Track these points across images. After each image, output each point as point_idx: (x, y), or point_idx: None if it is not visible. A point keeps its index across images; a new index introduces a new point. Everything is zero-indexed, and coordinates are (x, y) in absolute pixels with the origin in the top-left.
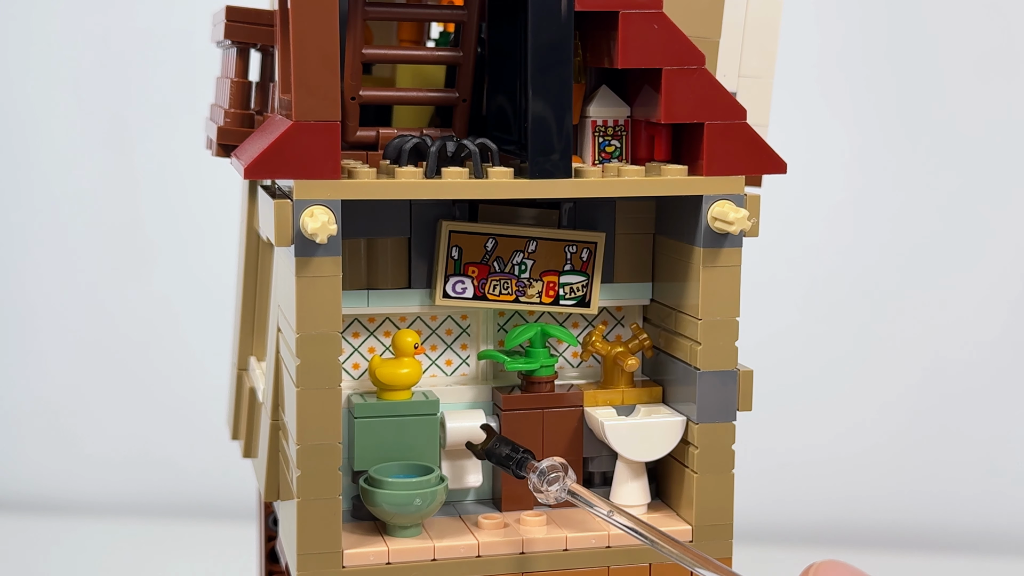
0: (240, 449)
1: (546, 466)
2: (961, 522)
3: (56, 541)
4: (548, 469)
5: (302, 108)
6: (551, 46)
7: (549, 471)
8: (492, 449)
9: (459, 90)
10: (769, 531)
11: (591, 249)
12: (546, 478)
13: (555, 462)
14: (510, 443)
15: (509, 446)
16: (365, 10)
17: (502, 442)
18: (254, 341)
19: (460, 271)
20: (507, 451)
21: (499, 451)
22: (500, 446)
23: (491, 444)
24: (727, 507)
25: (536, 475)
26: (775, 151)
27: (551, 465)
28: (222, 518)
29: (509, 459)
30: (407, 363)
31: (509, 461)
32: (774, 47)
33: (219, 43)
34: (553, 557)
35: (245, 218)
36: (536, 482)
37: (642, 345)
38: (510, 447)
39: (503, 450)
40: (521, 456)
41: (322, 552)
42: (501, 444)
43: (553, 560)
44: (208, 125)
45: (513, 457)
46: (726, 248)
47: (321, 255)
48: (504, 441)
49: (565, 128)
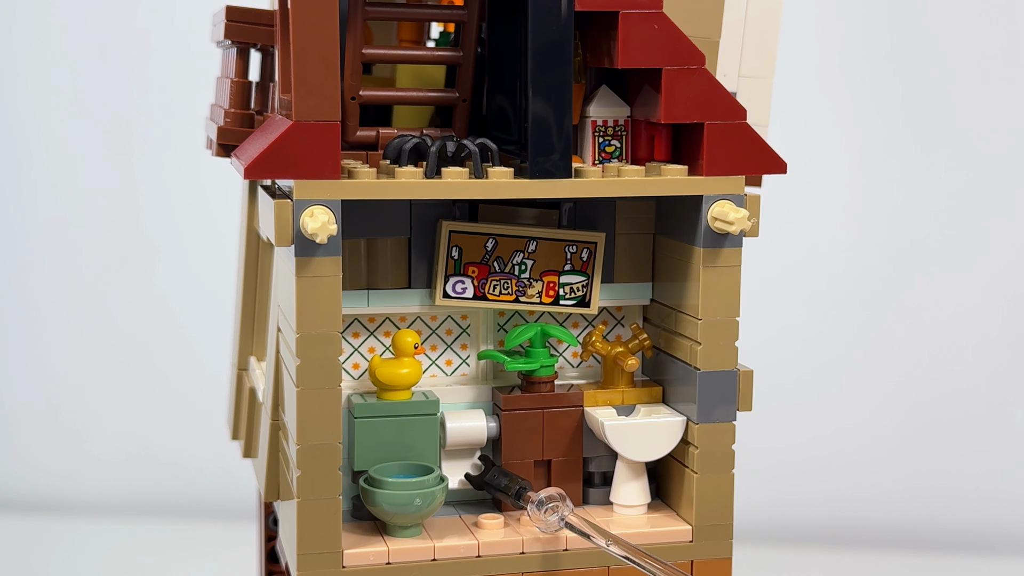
0: (240, 449)
1: (544, 496)
2: (962, 522)
3: (56, 540)
4: (546, 499)
5: (302, 108)
6: (551, 46)
7: (547, 501)
8: (490, 480)
9: (459, 90)
10: (769, 531)
11: (591, 249)
12: (544, 508)
13: (553, 492)
14: (508, 474)
15: (507, 477)
16: (365, 10)
17: (500, 473)
18: (254, 341)
19: (460, 271)
20: (505, 482)
21: (497, 482)
22: (498, 477)
23: (489, 475)
24: (727, 507)
25: (534, 505)
26: (775, 151)
27: (548, 495)
28: (222, 518)
29: (508, 489)
30: (407, 363)
31: (508, 491)
32: (774, 47)
33: (219, 43)
34: (553, 557)
35: (245, 218)
36: (534, 512)
37: (642, 345)
38: (508, 478)
39: (501, 481)
40: (519, 487)
41: (322, 552)
42: (499, 475)
43: (553, 560)
44: (208, 125)
45: (511, 488)
46: (726, 248)
47: (321, 255)
48: (502, 472)
49: (565, 128)
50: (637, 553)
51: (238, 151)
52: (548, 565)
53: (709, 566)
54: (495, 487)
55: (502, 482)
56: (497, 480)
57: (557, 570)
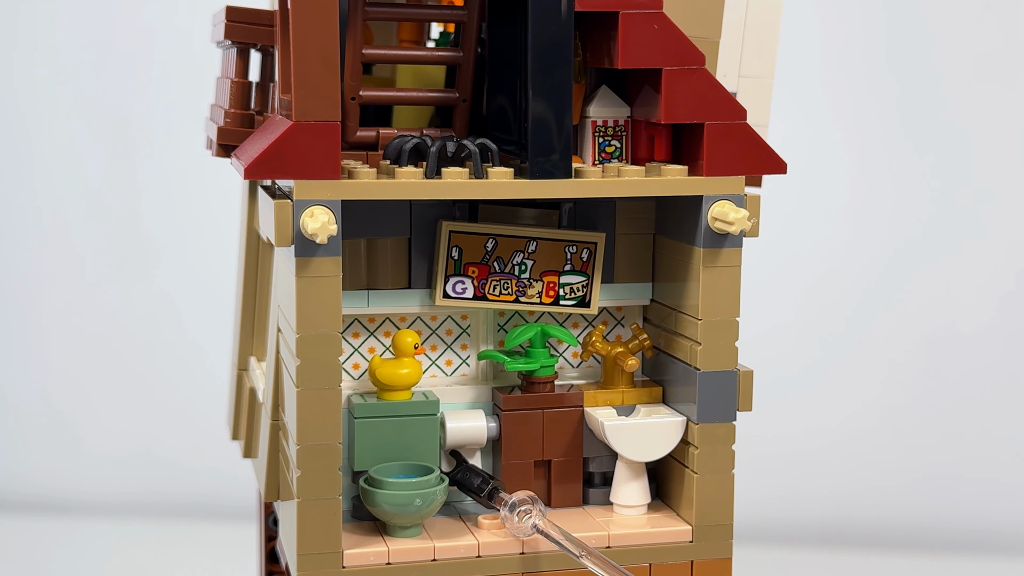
0: (240, 449)
1: (515, 499)
2: (961, 520)
3: (56, 540)
4: (518, 502)
5: (302, 108)
6: (551, 46)
7: (519, 504)
8: (462, 479)
9: (459, 90)
10: (769, 531)
11: (591, 249)
12: (516, 511)
13: (524, 496)
14: (480, 473)
15: (480, 477)
16: (365, 10)
17: (471, 472)
18: (254, 341)
19: (460, 271)
20: (477, 482)
21: (469, 481)
22: (470, 476)
23: (460, 473)
24: (727, 507)
25: (506, 509)
26: (775, 151)
27: (520, 499)
28: (222, 518)
29: (479, 490)
30: (407, 363)
31: (479, 492)
32: (774, 47)
33: (219, 43)
34: (553, 557)
35: (245, 218)
36: (507, 515)
37: (642, 345)
38: (480, 478)
39: (473, 480)
40: (491, 487)
41: (322, 552)
42: (471, 474)
43: (553, 560)
44: (208, 125)
45: (483, 488)
46: (726, 248)
47: (321, 255)
48: (474, 471)
49: (565, 128)
50: (610, 568)
51: (238, 151)
52: (548, 565)
53: (709, 566)
54: (466, 487)
55: (474, 482)
56: (469, 479)
57: (557, 570)
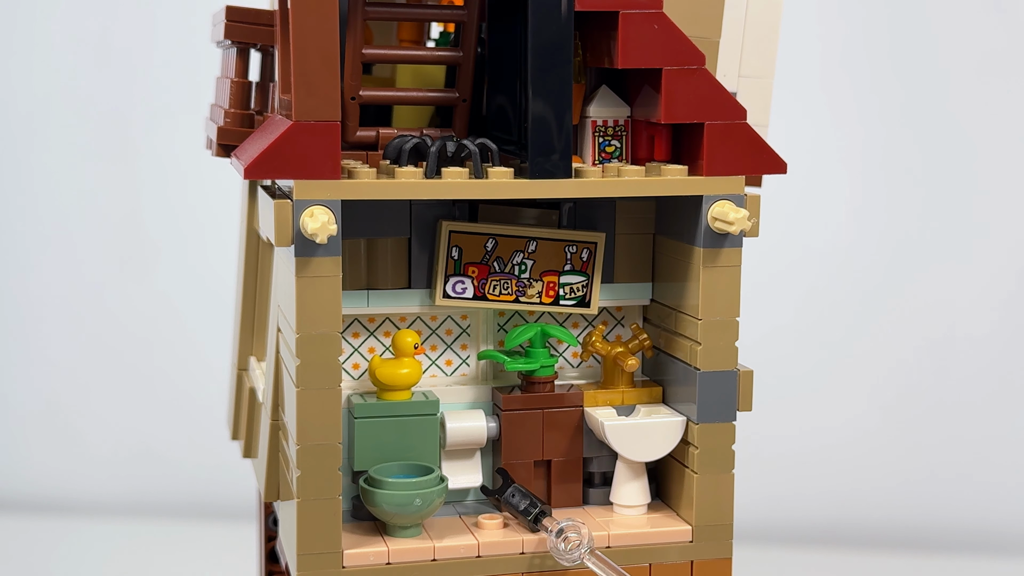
0: (240, 449)
1: (564, 526)
2: (961, 520)
3: (56, 540)
4: (567, 528)
5: (302, 108)
6: (551, 46)
7: (568, 531)
8: (508, 500)
9: (459, 90)
10: (769, 531)
11: (591, 249)
12: (564, 536)
13: (576, 525)
14: (528, 495)
15: (528, 499)
16: (365, 10)
17: (519, 493)
18: (254, 341)
19: (460, 271)
20: (524, 504)
21: (515, 503)
22: (517, 497)
23: (508, 492)
24: (727, 507)
25: (553, 535)
26: (775, 151)
27: (571, 527)
28: (222, 518)
29: (526, 513)
30: (407, 363)
31: (526, 515)
32: (774, 47)
33: (219, 43)
34: (553, 557)
35: (245, 218)
36: (552, 541)
37: (642, 345)
38: (528, 500)
39: (520, 503)
40: (539, 511)
41: (322, 552)
42: (518, 496)
43: (553, 560)
44: (208, 125)
45: (530, 512)
46: (726, 248)
47: (321, 255)
48: (521, 492)
49: (565, 128)
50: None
51: (238, 151)
52: (548, 565)
53: (709, 566)
54: (513, 508)
55: (521, 504)
56: (516, 501)
57: (557, 570)
